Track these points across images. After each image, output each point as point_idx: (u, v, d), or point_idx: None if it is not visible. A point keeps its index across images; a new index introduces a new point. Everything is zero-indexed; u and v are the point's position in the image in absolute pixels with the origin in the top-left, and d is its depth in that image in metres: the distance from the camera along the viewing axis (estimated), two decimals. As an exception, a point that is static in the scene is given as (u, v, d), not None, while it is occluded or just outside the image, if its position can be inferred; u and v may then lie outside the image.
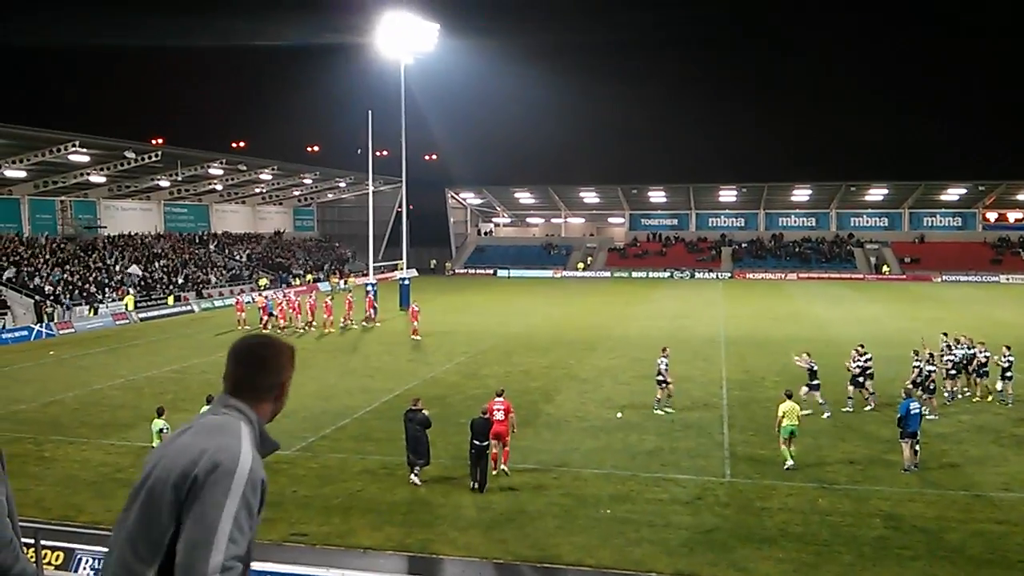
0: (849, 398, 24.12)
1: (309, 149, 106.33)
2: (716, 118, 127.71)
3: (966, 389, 25.69)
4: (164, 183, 63.33)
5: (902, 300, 58.14)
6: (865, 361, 24.27)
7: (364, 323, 44.40)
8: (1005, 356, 24.98)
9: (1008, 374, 24.72)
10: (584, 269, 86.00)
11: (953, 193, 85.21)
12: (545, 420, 23.37)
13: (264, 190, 78.57)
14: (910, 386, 20.88)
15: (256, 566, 10.93)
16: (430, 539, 14.96)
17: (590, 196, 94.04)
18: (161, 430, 17.24)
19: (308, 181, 78.46)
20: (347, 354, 35.77)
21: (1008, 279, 75.02)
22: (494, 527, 15.49)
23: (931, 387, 23.49)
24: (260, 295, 51.11)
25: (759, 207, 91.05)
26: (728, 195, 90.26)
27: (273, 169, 70.02)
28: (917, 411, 18.71)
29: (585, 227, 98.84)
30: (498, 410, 18.13)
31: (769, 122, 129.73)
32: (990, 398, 25.12)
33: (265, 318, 43.03)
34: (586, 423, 23.04)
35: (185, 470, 2.74)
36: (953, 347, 25.82)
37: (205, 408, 15.92)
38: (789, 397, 19.44)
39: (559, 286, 73.36)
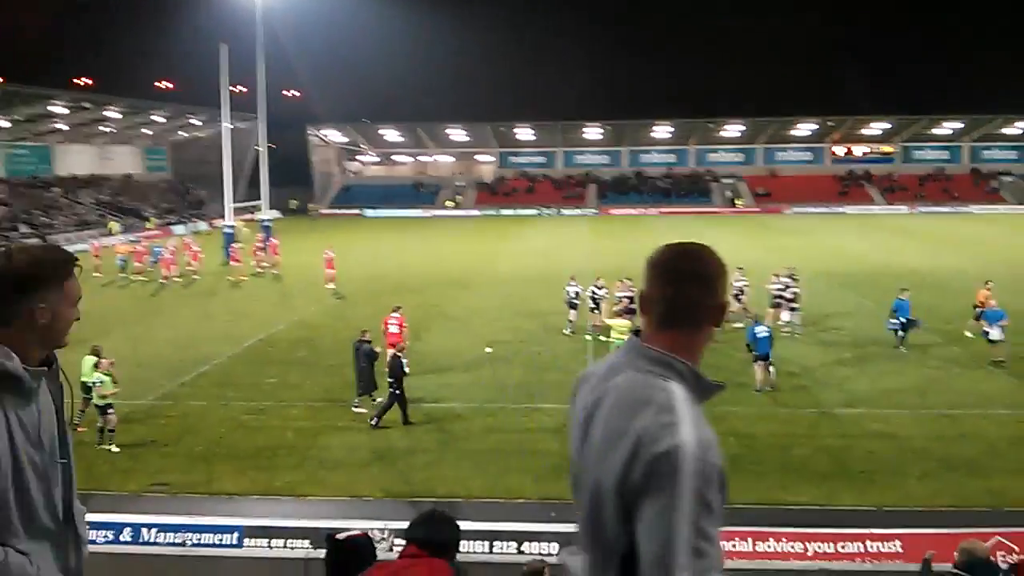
0: None
1: (160, 85, 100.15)
2: (582, 56, 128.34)
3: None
4: (2, 123, 58.36)
5: (754, 232, 61.03)
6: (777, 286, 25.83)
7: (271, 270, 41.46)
8: (789, 286, 25.85)
9: (794, 305, 25.61)
10: (453, 208, 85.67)
11: (804, 129, 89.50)
12: (416, 358, 23.29)
13: (112, 129, 73.75)
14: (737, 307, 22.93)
15: (116, 518, 10.44)
16: (298, 481, 14.81)
17: (458, 134, 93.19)
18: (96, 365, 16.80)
19: (159, 119, 74.15)
20: (206, 299, 34.47)
21: (853, 210, 79.95)
22: (364, 466, 15.49)
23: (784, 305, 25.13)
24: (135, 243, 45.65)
25: (623, 144, 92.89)
26: (593, 133, 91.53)
27: (121, 107, 65.73)
28: (765, 334, 19.79)
29: (454, 165, 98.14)
30: (392, 323, 21.20)
31: (632, 60, 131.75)
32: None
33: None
34: (457, 359, 23.23)
35: (617, 469, 2.18)
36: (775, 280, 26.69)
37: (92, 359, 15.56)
38: (618, 315, 22.75)
39: (428, 225, 72.91)
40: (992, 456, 15.46)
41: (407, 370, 17.63)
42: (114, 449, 16.39)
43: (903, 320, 23.17)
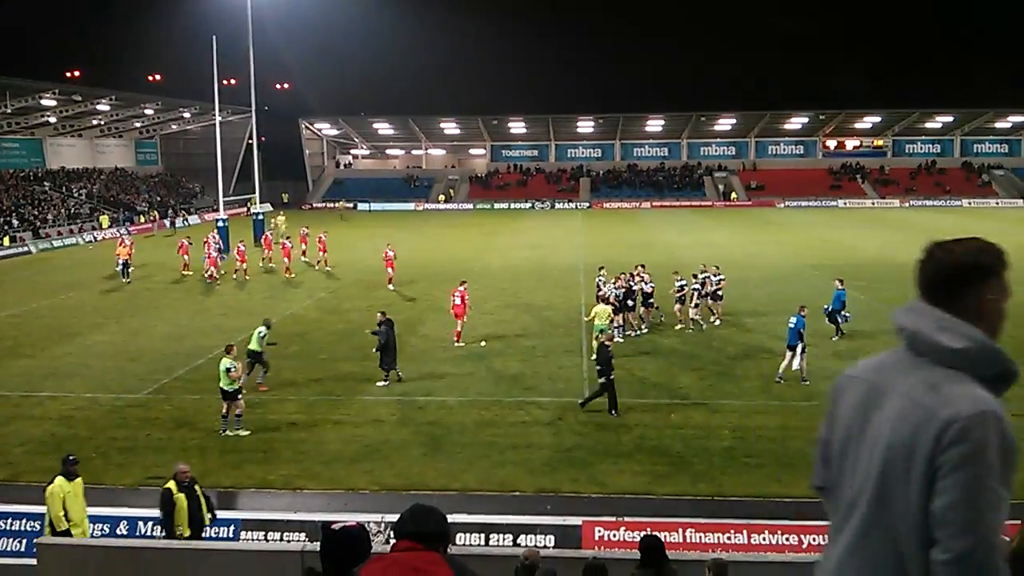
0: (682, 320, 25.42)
1: (151, 78, 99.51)
2: (574, 51, 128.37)
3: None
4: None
5: (747, 225, 61.14)
6: (680, 286, 25.63)
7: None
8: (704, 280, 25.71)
9: (696, 302, 25.49)
10: (446, 201, 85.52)
11: (796, 122, 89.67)
12: (410, 352, 23.32)
13: (103, 122, 73.34)
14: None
15: (110, 512, 10.43)
16: (294, 475, 14.79)
17: (451, 127, 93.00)
18: (228, 369, 16.52)
19: (150, 112, 73.75)
20: (199, 293, 34.37)
21: (846, 203, 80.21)
22: (359, 459, 15.47)
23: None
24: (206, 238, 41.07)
25: (615, 137, 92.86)
26: (586, 126, 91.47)
27: (111, 99, 65.32)
28: (791, 325, 19.73)
29: (446, 159, 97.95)
30: (456, 297, 23.60)
31: (625, 54, 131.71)
32: (679, 326, 25.48)
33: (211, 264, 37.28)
34: (451, 353, 23.20)
35: (922, 441, 2.13)
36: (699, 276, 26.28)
37: (261, 330, 17.43)
38: (604, 302, 23.02)
39: (421, 219, 72.78)
40: (985, 448, 15.51)
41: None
42: (242, 433, 16.64)
43: (828, 310, 23.35)
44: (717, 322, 25.98)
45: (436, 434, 16.73)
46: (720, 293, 26.09)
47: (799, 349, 19.49)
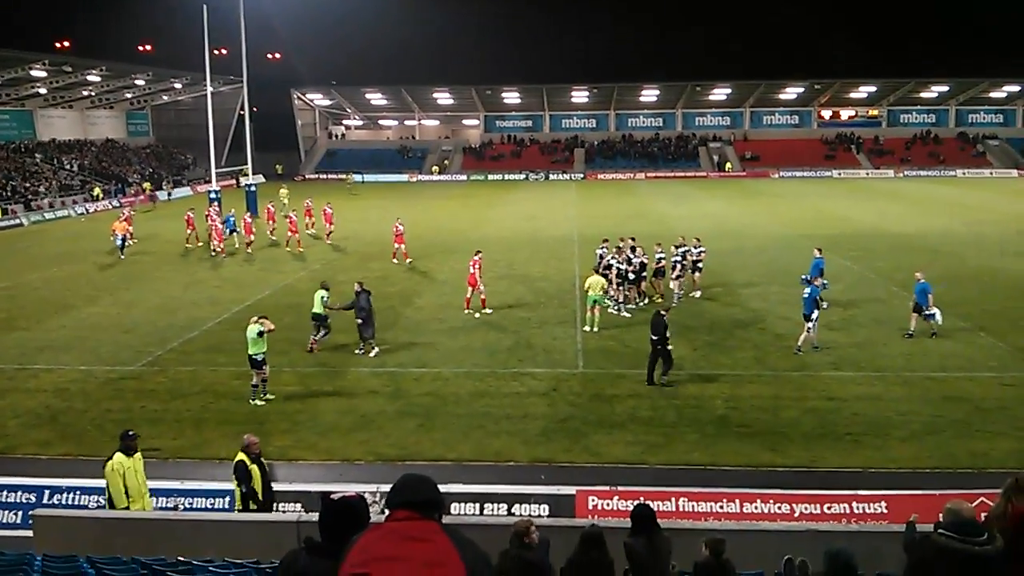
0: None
1: (141, 48, 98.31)
2: (568, 19, 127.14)
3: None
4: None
5: (742, 196, 61.05)
6: (659, 258, 25.55)
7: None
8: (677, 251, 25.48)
9: (679, 273, 25.37)
10: (440, 172, 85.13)
11: (791, 92, 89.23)
12: (404, 324, 23.38)
13: (93, 93, 72.66)
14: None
15: (105, 483, 10.37)
16: (289, 446, 14.85)
17: (444, 97, 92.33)
18: (260, 333, 16.71)
19: (141, 83, 73.07)
20: (193, 265, 34.26)
21: (840, 174, 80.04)
22: (355, 430, 15.53)
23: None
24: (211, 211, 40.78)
25: (610, 108, 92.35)
26: (580, 96, 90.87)
27: (102, 70, 64.67)
28: (805, 295, 19.77)
29: (440, 129, 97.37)
30: (472, 266, 23.86)
31: (620, 24, 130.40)
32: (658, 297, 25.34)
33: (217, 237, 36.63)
34: (446, 324, 23.21)
35: None
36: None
37: (322, 293, 17.94)
38: (596, 272, 22.95)
39: (415, 190, 72.51)
40: (976, 418, 15.66)
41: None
42: (260, 402, 16.91)
43: (806, 279, 23.21)
44: (698, 294, 25.94)
45: (431, 405, 16.79)
46: (700, 265, 25.95)
47: (815, 317, 19.62)
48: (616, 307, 24.11)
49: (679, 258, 25.39)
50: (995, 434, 14.86)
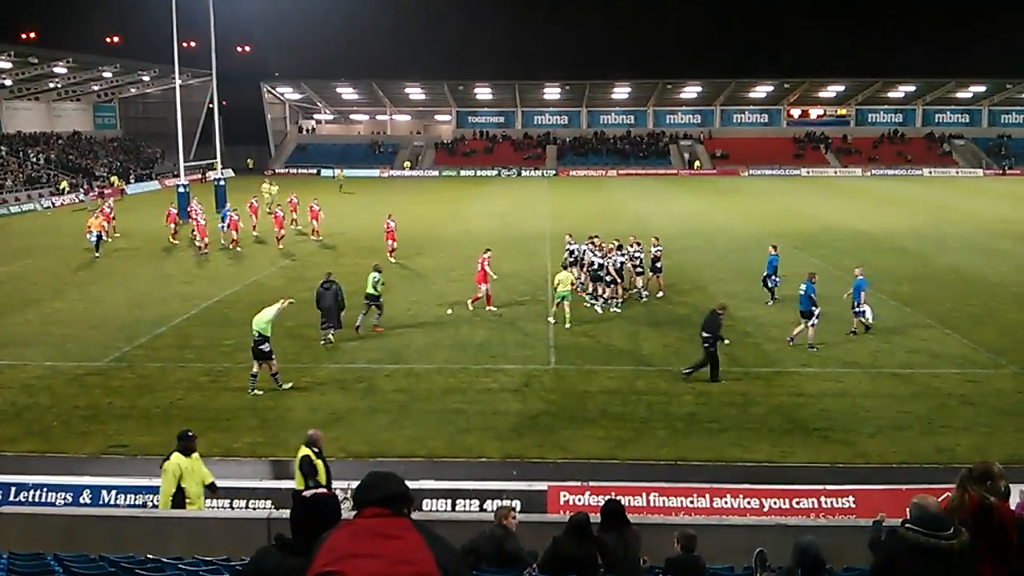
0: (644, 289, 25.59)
1: (109, 40, 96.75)
2: (540, 16, 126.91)
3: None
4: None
5: (712, 193, 61.48)
6: (635, 254, 25.48)
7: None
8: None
9: (639, 269, 25.58)
10: (411, 168, 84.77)
11: (761, 91, 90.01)
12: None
13: (60, 85, 71.49)
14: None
15: (75, 480, 10.32)
16: (259, 443, 14.74)
17: (416, 92, 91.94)
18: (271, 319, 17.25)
19: (108, 75, 72.04)
20: (160, 260, 33.85)
21: (809, 172, 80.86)
22: (326, 426, 15.35)
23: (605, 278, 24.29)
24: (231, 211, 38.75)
25: (582, 105, 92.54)
26: (552, 93, 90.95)
27: (68, 62, 63.62)
28: (800, 292, 20.18)
29: (412, 124, 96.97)
30: (481, 261, 23.85)
31: (591, 20, 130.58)
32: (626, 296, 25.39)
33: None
34: (417, 320, 23.16)
35: None
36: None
37: (374, 275, 19.10)
38: (565, 268, 23.30)
39: (387, 185, 72.16)
40: (941, 414, 15.92)
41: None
42: (286, 386, 17.32)
43: (765, 275, 24.09)
44: (660, 294, 25.85)
45: (403, 401, 16.75)
46: (659, 265, 25.77)
47: (815, 313, 19.89)
48: (591, 301, 24.19)
49: (639, 256, 25.56)
50: (959, 430, 15.12)
